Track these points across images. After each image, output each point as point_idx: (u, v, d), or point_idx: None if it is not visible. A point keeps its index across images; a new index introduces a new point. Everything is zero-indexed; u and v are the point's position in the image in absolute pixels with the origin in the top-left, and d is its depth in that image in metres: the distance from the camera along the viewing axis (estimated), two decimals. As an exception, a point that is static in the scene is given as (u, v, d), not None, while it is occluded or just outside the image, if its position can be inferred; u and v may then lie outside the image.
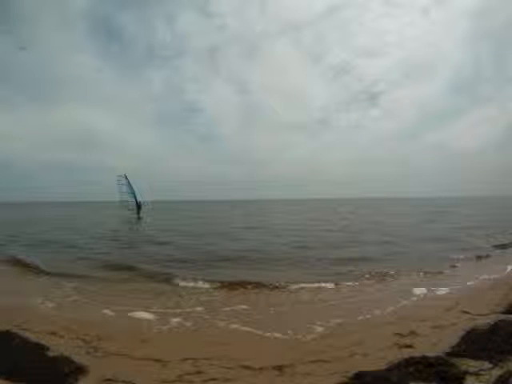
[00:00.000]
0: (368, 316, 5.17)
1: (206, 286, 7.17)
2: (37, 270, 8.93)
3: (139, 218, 31.13)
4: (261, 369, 3.47)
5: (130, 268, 9.14)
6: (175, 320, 5.06)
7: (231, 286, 7.18)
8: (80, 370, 3.38)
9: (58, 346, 3.97)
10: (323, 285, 7.11)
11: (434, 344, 3.82)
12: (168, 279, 7.81)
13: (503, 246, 12.14)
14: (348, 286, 7.17)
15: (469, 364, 3.15)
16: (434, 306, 5.56)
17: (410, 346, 3.82)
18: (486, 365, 3.11)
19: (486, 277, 7.47)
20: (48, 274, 8.49)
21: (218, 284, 7.25)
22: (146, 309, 5.54)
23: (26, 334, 4.26)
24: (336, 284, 7.21)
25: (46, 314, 5.42)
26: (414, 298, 6.12)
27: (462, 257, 10.22)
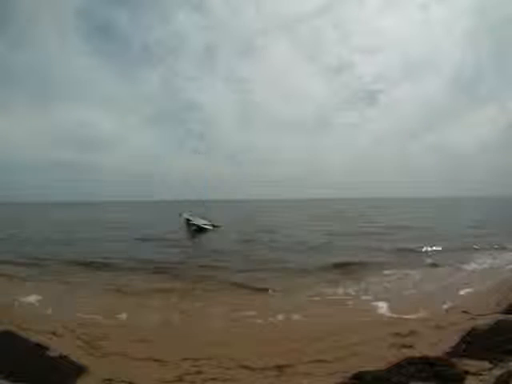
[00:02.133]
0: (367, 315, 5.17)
1: None
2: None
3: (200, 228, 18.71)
4: (261, 369, 3.47)
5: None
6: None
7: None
8: (80, 370, 3.39)
9: (58, 346, 3.98)
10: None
11: (433, 344, 3.82)
12: None
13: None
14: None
15: (469, 364, 3.15)
16: (434, 305, 5.55)
17: (410, 346, 3.82)
18: (486, 365, 3.11)
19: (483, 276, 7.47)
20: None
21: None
22: None
23: (26, 334, 4.26)
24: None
25: (45, 314, 5.42)
26: (414, 298, 6.10)
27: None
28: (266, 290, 6.88)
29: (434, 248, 11.64)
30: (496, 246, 11.76)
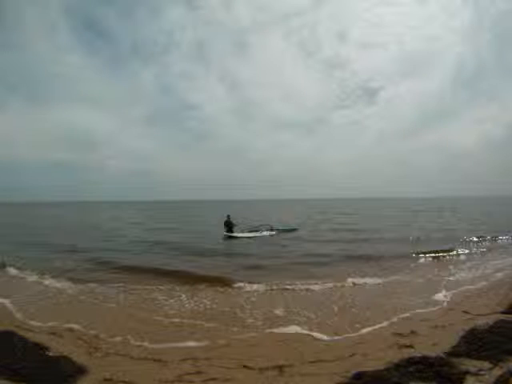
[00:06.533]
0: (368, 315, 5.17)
1: None
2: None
3: None
4: (261, 369, 3.47)
5: None
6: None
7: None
8: (80, 370, 3.39)
9: (58, 346, 3.98)
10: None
11: (434, 344, 3.82)
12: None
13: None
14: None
15: (469, 364, 3.15)
16: (434, 306, 5.56)
17: (410, 346, 3.82)
18: (486, 365, 3.11)
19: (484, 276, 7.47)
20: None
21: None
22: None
23: (26, 334, 4.26)
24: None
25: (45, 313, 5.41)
26: (414, 298, 6.10)
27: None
28: None
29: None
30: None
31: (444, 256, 10.44)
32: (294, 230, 18.13)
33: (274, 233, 16.66)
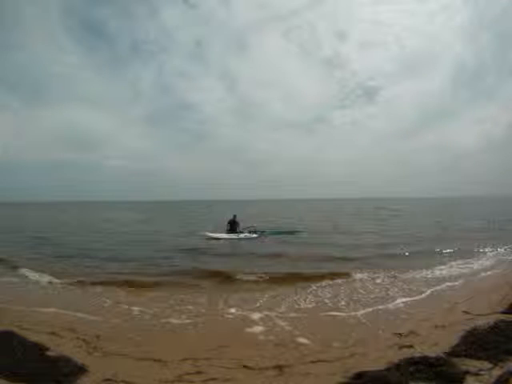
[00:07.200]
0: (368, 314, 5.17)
1: None
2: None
3: None
4: (261, 369, 3.47)
5: None
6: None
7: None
8: (80, 370, 3.38)
9: (58, 346, 3.97)
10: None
11: (434, 344, 3.82)
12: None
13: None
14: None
15: (469, 364, 3.15)
16: (434, 305, 5.55)
17: (410, 346, 3.82)
18: (486, 365, 3.11)
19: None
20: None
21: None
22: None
23: (26, 334, 4.25)
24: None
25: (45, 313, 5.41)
26: (414, 298, 6.10)
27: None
28: None
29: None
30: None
31: (443, 256, 10.44)
32: (297, 232, 17.16)
33: (256, 235, 15.33)
